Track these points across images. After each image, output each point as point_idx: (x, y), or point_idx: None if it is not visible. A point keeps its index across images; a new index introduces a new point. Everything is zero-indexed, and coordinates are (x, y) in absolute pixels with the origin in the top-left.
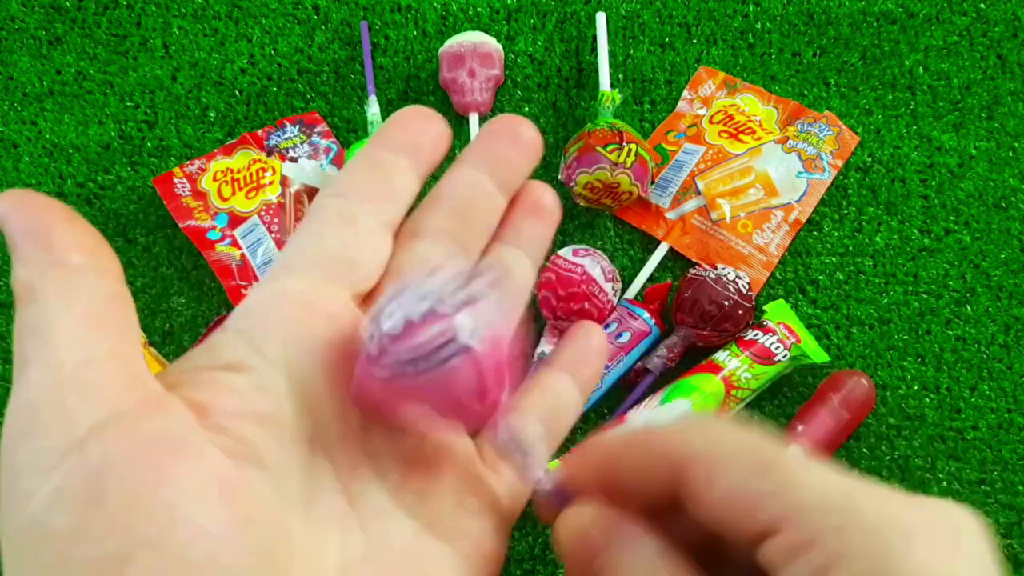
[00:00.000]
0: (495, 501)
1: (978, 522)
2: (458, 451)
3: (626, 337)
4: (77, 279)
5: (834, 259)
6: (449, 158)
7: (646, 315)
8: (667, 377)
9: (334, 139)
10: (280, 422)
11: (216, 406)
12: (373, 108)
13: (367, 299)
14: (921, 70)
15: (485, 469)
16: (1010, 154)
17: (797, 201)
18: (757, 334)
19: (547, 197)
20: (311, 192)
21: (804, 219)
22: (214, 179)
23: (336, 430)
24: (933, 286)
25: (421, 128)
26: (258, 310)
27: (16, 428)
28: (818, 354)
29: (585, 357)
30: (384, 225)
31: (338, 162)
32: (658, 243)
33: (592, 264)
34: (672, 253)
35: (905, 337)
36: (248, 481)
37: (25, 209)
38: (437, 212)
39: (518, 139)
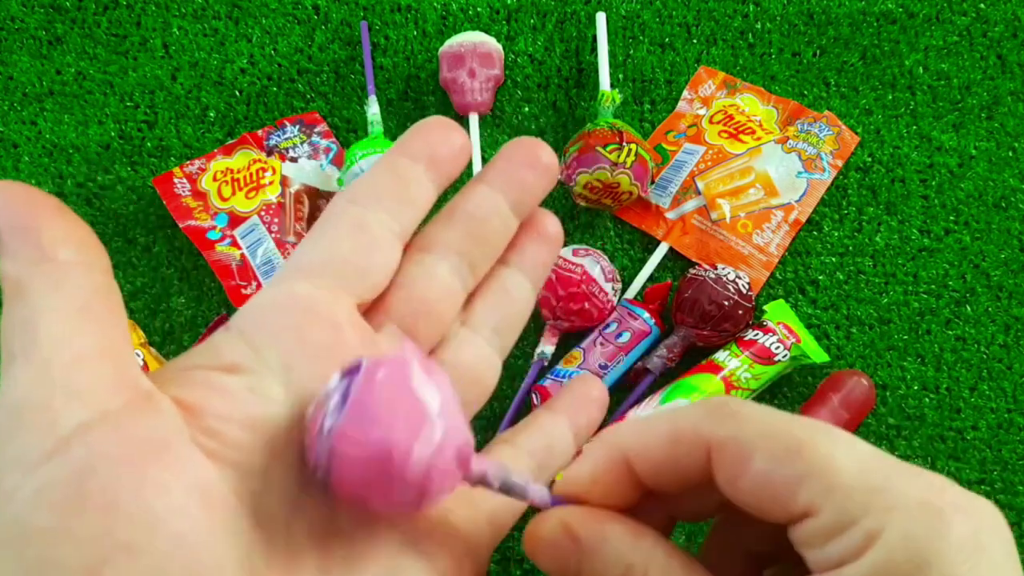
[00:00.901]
0: (479, 523)
1: (999, 514)
2: None
3: (626, 337)
4: (65, 274)
5: (834, 259)
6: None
7: (646, 315)
8: (667, 377)
9: (334, 139)
10: (270, 428)
11: (207, 408)
12: (373, 108)
13: (372, 308)
14: (921, 70)
15: (471, 490)
16: (1010, 154)
17: (797, 201)
18: (757, 334)
19: (553, 226)
20: (311, 192)
21: (804, 219)
22: (214, 179)
23: None
24: (933, 286)
25: (442, 139)
26: (262, 313)
27: (2, 426)
28: (818, 354)
29: (583, 405)
30: (396, 234)
31: (338, 162)
32: (658, 243)
33: (592, 264)
34: (672, 253)
35: (905, 337)
36: (231, 488)
37: (13, 202)
38: (450, 228)
39: (537, 163)
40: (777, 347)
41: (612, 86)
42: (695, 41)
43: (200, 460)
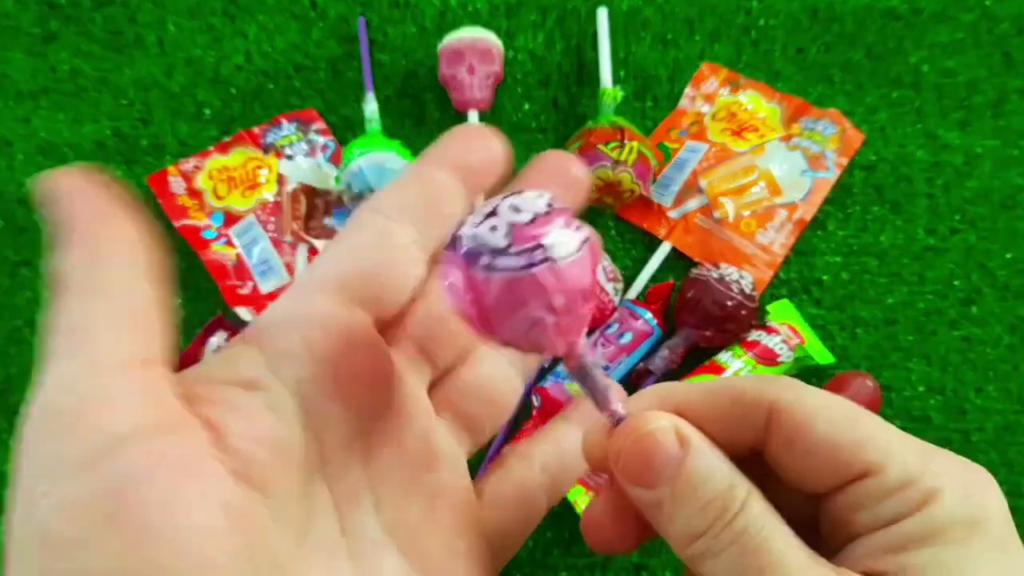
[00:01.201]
0: (486, 544)
1: None
2: (457, 489)
3: (628, 338)
4: (118, 280)
5: (839, 259)
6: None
7: (648, 315)
8: (669, 379)
9: (331, 137)
10: (287, 447)
11: (230, 427)
12: (371, 105)
13: (392, 324)
14: (926, 67)
15: (481, 510)
16: (1016, 152)
17: (801, 200)
18: (760, 335)
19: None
20: (308, 191)
21: (808, 218)
22: (210, 177)
23: (339, 458)
24: (939, 286)
25: (477, 148)
26: (278, 326)
27: (38, 429)
28: (822, 355)
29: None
30: (422, 248)
31: (335, 160)
32: (660, 242)
33: None
34: (674, 252)
35: (910, 338)
36: (253, 509)
37: (80, 195)
38: None
39: (566, 176)
40: (781, 348)
41: (613, 83)
42: (698, 37)
43: (226, 479)
